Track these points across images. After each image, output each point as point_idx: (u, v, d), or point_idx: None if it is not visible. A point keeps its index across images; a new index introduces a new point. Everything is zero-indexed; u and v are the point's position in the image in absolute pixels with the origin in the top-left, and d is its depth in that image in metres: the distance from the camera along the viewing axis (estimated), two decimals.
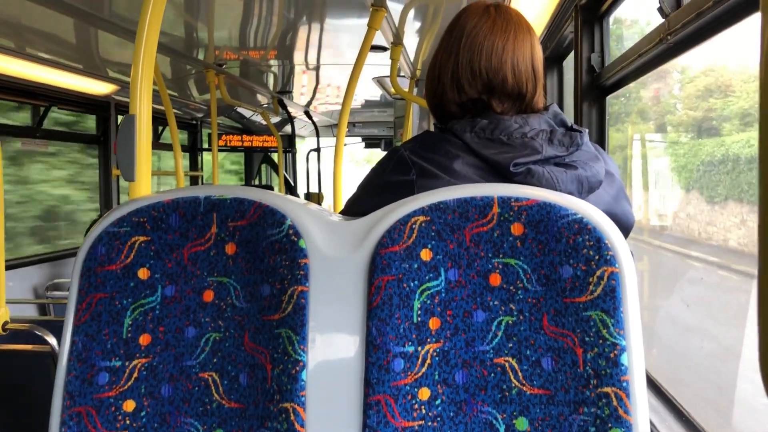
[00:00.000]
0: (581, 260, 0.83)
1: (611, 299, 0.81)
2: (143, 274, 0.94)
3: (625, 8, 1.94)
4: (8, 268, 3.01)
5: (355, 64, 2.48)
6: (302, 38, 3.23)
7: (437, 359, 0.86)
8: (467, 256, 0.87)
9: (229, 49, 3.43)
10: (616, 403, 0.80)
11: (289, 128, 6.02)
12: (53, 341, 1.91)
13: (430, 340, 0.86)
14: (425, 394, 0.85)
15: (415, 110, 4.20)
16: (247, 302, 0.93)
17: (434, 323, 0.87)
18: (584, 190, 0.99)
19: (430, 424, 0.85)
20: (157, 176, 5.52)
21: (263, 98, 5.17)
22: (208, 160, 6.18)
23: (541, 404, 0.84)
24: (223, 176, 7.48)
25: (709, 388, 1.73)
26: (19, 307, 3.27)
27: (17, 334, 1.90)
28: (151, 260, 0.94)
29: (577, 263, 0.83)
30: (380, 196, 0.99)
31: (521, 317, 0.85)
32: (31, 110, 3.90)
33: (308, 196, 5.75)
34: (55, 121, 4.19)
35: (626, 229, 1.04)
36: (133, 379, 0.92)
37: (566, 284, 0.83)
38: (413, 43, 3.30)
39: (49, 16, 2.52)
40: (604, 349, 0.81)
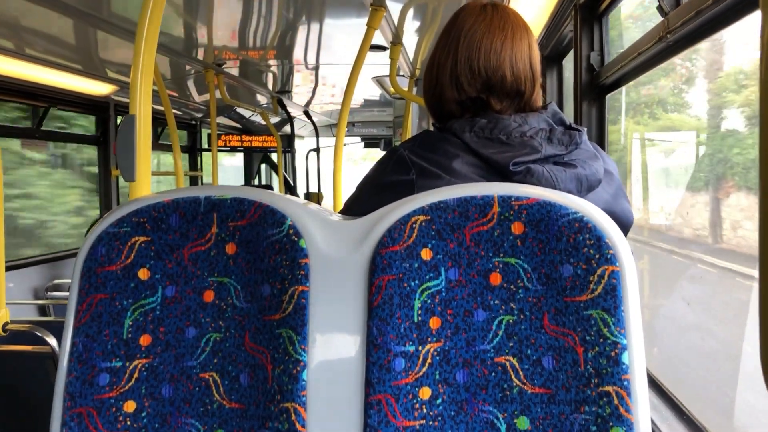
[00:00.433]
0: (582, 259, 0.83)
1: (612, 298, 0.81)
2: (143, 274, 0.94)
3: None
4: (8, 269, 3.00)
5: (354, 63, 2.48)
6: (301, 38, 3.23)
7: (438, 359, 0.86)
8: (467, 255, 0.87)
9: (228, 49, 3.42)
10: (617, 401, 0.80)
11: (288, 128, 6.01)
12: (53, 342, 1.91)
13: (430, 339, 0.86)
14: (426, 393, 0.85)
15: (414, 110, 4.20)
16: (247, 302, 0.93)
17: (435, 323, 0.87)
18: (583, 188, 0.99)
19: (431, 423, 0.85)
20: (156, 176, 5.52)
21: (262, 98, 5.17)
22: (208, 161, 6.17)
23: (542, 403, 0.83)
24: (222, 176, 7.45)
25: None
26: (19, 308, 3.26)
27: (17, 335, 1.90)
28: (151, 261, 0.94)
29: (577, 262, 0.83)
30: (380, 195, 0.98)
31: (522, 316, 0.85)
32: (30, 111, 3.90)
33: (308, 195, 5.75)
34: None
35: (626, 227, 1.04)
36: (133, 379, 0.92)
37: (567, 283, 0.83)
38: (412, 42, 3.30)
39: (48, 16, 2.52)
40: (604, 347, 0.81)
